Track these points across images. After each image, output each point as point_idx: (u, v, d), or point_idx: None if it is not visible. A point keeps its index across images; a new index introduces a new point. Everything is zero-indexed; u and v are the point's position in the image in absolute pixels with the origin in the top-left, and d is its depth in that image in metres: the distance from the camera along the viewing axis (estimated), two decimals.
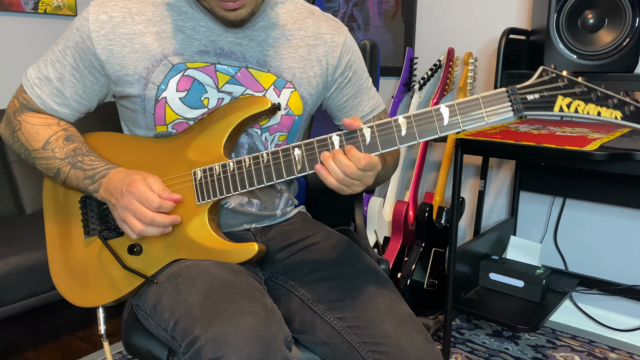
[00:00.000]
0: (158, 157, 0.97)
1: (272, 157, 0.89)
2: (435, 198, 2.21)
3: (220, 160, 0.93)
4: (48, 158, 0.97)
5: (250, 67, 0.99)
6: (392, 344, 0.87)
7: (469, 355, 1.91)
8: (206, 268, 0.90)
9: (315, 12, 1.07)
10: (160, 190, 0.89)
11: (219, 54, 0.97)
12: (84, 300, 1.00)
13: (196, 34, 0.96)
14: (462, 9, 2.22)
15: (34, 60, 2.50)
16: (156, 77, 0.94)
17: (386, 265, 1.20)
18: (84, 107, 1.01)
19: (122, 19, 0.93)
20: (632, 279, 2.00)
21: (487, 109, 0.81)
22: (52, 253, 1.05)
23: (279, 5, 1.04)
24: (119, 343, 1.94)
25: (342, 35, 1.06)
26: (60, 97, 0.98)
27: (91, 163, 0.95)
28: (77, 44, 0.95)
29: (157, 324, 0.91)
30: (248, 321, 0.80)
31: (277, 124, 1.02)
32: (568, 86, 0.80)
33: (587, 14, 1.63)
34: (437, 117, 0.83)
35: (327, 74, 1.05)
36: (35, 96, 0.98)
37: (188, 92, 0.95)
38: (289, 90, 1.01)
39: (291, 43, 1.02)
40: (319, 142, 0.87)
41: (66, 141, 0.97)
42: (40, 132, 0.98)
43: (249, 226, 1.07)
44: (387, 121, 0.84)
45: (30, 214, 2.22)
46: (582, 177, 2.01)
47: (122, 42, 0.93)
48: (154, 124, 0.98)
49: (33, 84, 0.98)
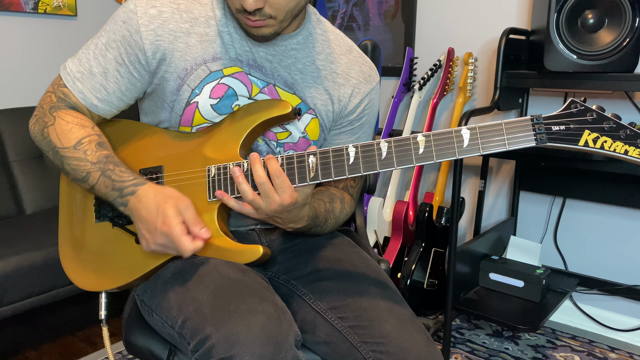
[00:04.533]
0: (175, 151, 0.97)
1: (287, 161, 0.88)
2: (435, 198, 2.21)
3: (235, 160, 0.93)
4: (79, 159, 0.92)
5: (278, 86, 0.98)
6: (393, 344, 0.87)
7: (469, 355, 1.91)
8: (214, 266, 0.90)
9: (352, 52, 1.05)
10: (192, 223, 0.86)
11: (251, 65, 0.96)
12: (89, 284, 1.00)
13: (233, 42, 0.95)
14: (462, 9, 2.22)
15: (33, 61, 2.50)
16: (192, 81, 0.94)
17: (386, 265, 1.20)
18: (123, 104, 0.98)
19: (171, 15, 0.92)
20: (632, 279, 2.00)
21: (509, 136, 0.79)
22: (62, 236, 1.05)
23: (319, 32, 1.02)
24: (119, 343, 1.94)
25: (369, 85, 1.05)
26: (102, 92, 0.95)
27: (120, 174, 0.91)
28: (123, 38, 0.92)
29: (164, 320, 0.90)
30: (259, 320, 0.80)
31: (294, 144, 1.01)
32: (597, 121, 0.77)
33: (587, 14, 1.63)
34: (457, 139, 0.81)
35: (341, 114, 1.05)
36: (77, 90, 0.95)
37: (220, 99, 0.95)
38: (310, 116, 1.01)
39: (320, 73, 1.01)
40: (334, 152, 0.86)
41: (99, 146, 0.93)
42: (74, 130, 0.93)
43: (254, 226, 1.07)
44: (406, 138, 0.83)
45: (30, 214, 2.22)
46: (582, 177, 2.01)
47: (170, 39, 0.92)
48: (178, 124, 0.97)
49: (74, 77, 0.94)
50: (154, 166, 0.98)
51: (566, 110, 0.79)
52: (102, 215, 1.00)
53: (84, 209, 1.03)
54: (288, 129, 1.00)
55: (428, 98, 2.33)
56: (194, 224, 0.86)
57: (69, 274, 1.03)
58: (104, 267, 0.99)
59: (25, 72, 2.47)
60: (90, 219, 1.02)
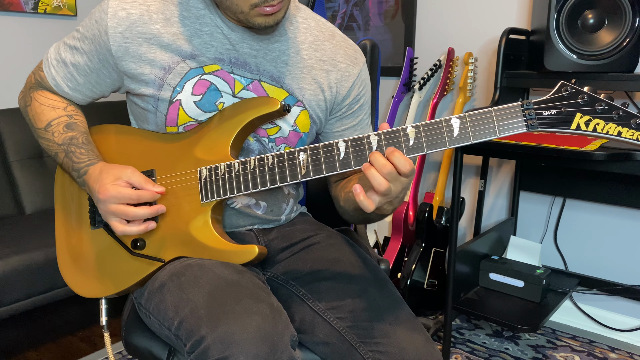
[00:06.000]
0: (166, 154, 0.97)
1: (277, 159, 0.88)
2: (435, 198, 2.21)
3: (226, 160, 0.92)
4: (48, 140, 1.00)
5: (263, 81, 0.98)
6: (392, 344, 0.87)
7: (469, 355, 1.91)
8: (210, 267, 0.90)
9: (335, 36, 1.05)
10: (142, 183, 0.92)
11: (233, 63, 0.96)
12: (88, 290, 1.01)
13: (213, 40, 0.95)
14: (462, 9, 2.22)
15: (33, 61, 2.50)
16: (172, 79, 0.94)
17: (386, 266, 1.20)
18: (96, 95, 1.03)
19: (139, 17, 0.92)
20: (632, 279, 2.00)
21: (499, 123, 0.78)
22: (60, 243, 1.06)
23: (300, 20, 1.02)
24: (119, 343, 1.94)
25: (357, 67, 1.05)
26: (73, 82, 1.00)
27: (79, 156, 0.97)
28: (94, 37, 0.94)
29: (160, 322, 0.91)
30: (255, 321, 0.80)
31: (284, 138, 1.01)
32: (588, 103, 0.75)
33: (587, 14, 1.63)
34: (447, 129, 0.80)
35: (335, 101, 1.04)
36: (50, 77, 1.01)
37: (203, 96, 0.95)
38: (298, 109, 1.00)
39: (306, 63, 1.00)
40: (324, 147, 0.85)
41: (66, 128, 0.99)
42: (45, 113, 1.01)
43: (252, 227, 1.07)
44: (395, 130, 0.82)
45: (30, 214, 2.22)
46: (582, 177, 2.01)
47: (139, 42, 0.92)
48: (164, 124, 0.97)
49: (51, 64, 1.00)
50: (145, 170, 0.98)
51: (557, 94, 0.77)
52: (97, 222, 1.01)
53: (79, 216, 1.04)
54: (277, 123, 1.00)
55: (428, 98, 2.33)
56: (145, 182, 0.92)
57: (68, 281, 1.04)
58: (102, 273, 0.99)
59: (25, 72, 2.47)
60: (86, 226, 1.02)
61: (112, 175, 0.91)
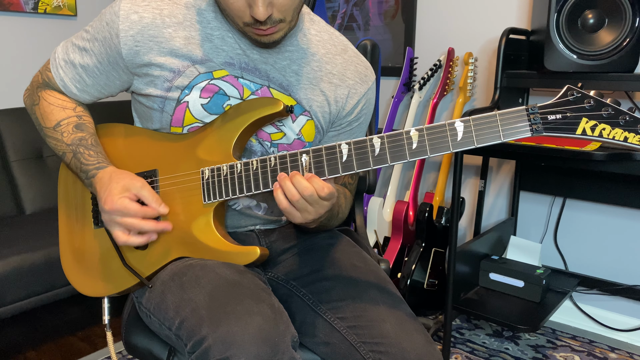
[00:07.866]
0: (169, 154, 0.97)
1: (280, 161, 0.88)
2: (435, 198, 2.21)
3: (228, 161, 0.92)
4: (57, 140, 1.00)
5: (272, 88, 0.98)
6: (393, 344, 0.87)
7: (469, 355, 1.91)
8: (211, 268, 0.90)
9: (347, 51, 1.05)
10: (150, 200, 0.91)
11: (243, 68, 0.96)
12: (91, 289, 1.01)
13: (224, 45, 0.95)
14: (462, 9, 2.22)
15: (33, 61, 2.50)
16: (181, 82, 0.94)
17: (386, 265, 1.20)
18: (104, 95, 1.03)
19: (152, 21, 0.92)
20: (632, 279, 2.00)
21: (503, 127, 0.77)
22: (63, 241, 1.06)
23: (313, 33, 1.02)
24: (119, 343, 1.94)
25: (365, 85, 1.05)
26: (81, 83, 1.00)
27: (88, 158, 0.96)
28: (105, 39, 0.93)
29: (161, 322, 0.91)
30: (256, 321, 0.80)
31: (288, 145, 1.01)
32: (594, 108, 0.74)
33: (587, 14, 1.63)
34: (450, 133, 0.79)
35: (338, 115, 1.04)
36: (58, 78, 1.00)
37: (211, 99, 0.95)
38: (305, 118, 1.00)
39: (315, 74, 1.00)
40: (327, 150, 0.85)
41: (76, 128, 0.99)
42: (55, 112, 1.00)
43: (254, 227, 1.07)
44: (398, 133, 0.82)
45: (30, 214, 2.22)
46: (582, 177, 2.01)
47: (150, 45, 0.92)
48: (169, 125, 0.97)
49: (58, 65, 0.99)
50: (148, 170, 0.98)
51: (562, 98, 0.76)
52: (100, 222, 1.00)
53: (82, 215, 1.04)
54: (282, 130, 0.99)
55: (428, 98, 2.33)
56: (152, 200, 0.91)
57: (71, 280, 1.04)
58: (104, 272, 0.99)
59: (25, 72, 2.47)
60: (89, 225, 1.03)
61: (120, 186, 0.90)
